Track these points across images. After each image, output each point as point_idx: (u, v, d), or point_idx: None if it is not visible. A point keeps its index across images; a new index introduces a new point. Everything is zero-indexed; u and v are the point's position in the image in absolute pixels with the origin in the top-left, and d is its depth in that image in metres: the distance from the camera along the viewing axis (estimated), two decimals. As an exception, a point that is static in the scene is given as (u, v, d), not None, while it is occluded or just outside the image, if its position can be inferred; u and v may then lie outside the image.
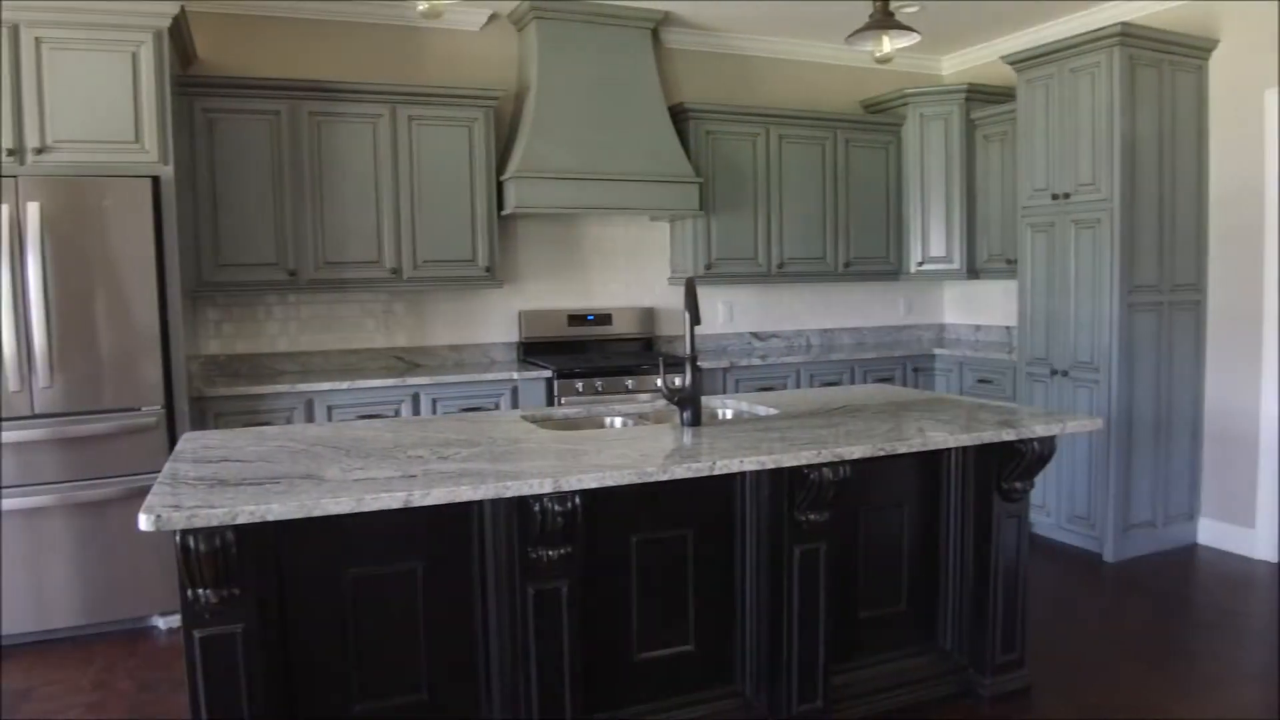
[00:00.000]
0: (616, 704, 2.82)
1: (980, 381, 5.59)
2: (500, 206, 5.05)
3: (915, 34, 3.73)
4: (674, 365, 4.94)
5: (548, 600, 2.55)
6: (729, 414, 3.59)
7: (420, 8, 2.78)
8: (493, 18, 5.33)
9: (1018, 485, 3.13)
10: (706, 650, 2.95)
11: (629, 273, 5.76)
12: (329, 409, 4.52)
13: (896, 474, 3.19)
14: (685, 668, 2.93)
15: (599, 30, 5.20)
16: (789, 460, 2.61)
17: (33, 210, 3.78)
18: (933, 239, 6.03)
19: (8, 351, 3.79)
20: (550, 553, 2.47)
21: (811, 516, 2.82)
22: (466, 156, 4.96)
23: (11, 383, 3.81)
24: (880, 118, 6.08)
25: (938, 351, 5.93)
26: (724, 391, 5.25)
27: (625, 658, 2.84)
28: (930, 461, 3.22)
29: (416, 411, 4.68)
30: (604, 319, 5.59)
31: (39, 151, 3.88)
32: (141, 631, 4.09)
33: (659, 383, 4.95)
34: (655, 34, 5.50)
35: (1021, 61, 5.02)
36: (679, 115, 5.47)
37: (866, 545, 3.16)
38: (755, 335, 6.16)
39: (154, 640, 4.02)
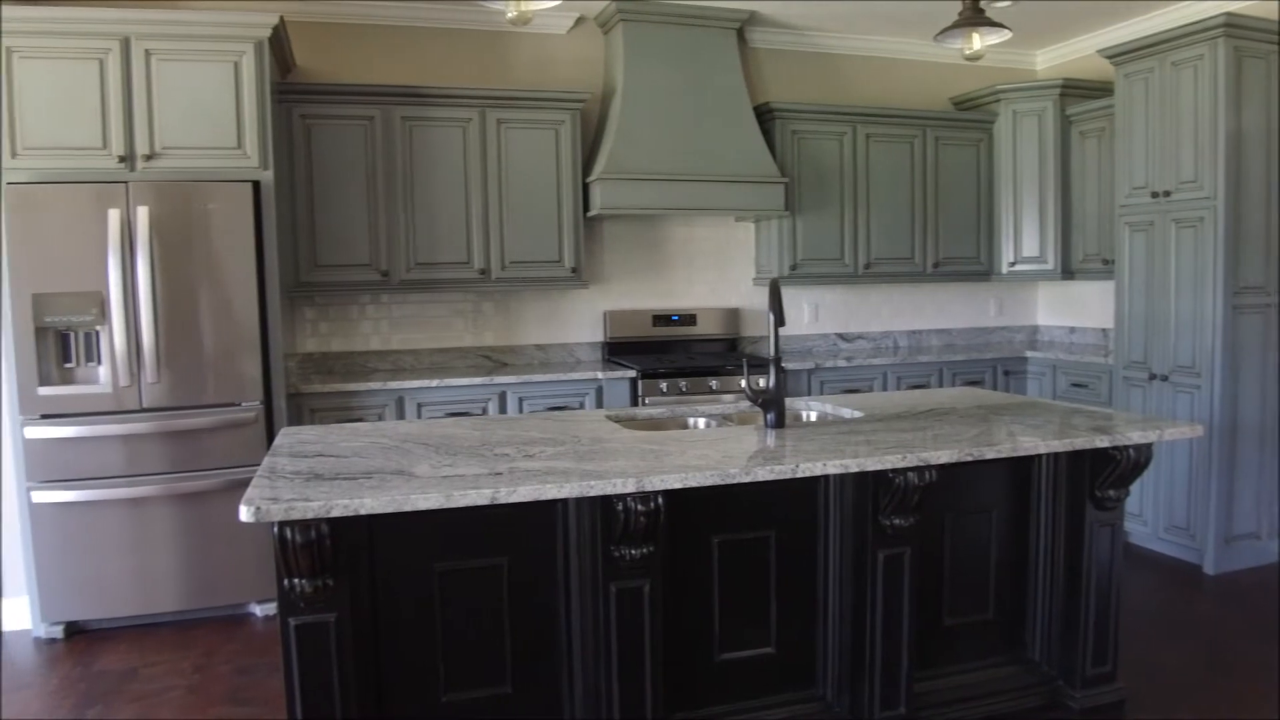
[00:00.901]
0: (697, 704, 2.83)
1: (1075, 386, 5.44)
2: (586, 208, 5.11)
3: (1006, 30, 3.65)
4: (758, 366, 4.93)
5: (630, 599, 2.57)
6: (813, 416, 3.57)
7: (509, 15, 2.83)
8: (579, 21, 5.38)
9: (1112, 493, 3.04)
10: (788, 653, 2.94)
11: (713, 273, 5.76)
12: (419, 406, 4.64)
13: (985, 479, 3.12)
14: (766, 670, 2.92)
15: (684, 31, 5.21)
16: (873, 464, 2.58)
17: (142, 214, 3.96)
18: (1025, 239, 5.89)
19: (119, 348, 3.98)
20: (633, 551, 2.50)
21: (896, 521, 2.79)
22: (553, 158, 5.03)
23: (122, 378, 4.00)
24: (971, 115, 5.96)
25: (1030, 354, 5.79)
26: (808, 393, 5.21)
27: (706, 658, 2.84)
28: (1021, 467, 3.15)
29: (503, 410, 4.76)
30: (688, 319, 5.60)
31: (148, 158, 4.06)
32: (239, 618, 4.25)
33: (743, 384, 4.95)
34: (740, 34, 5.49)
35: (1120, 55, 4.87)
36: (764, 115, 5.45)
37: (952, 551, 3.11)
38: (841, 336, 6.10)
39: (251, 626, 4.17)
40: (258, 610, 4.28)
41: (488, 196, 4.95)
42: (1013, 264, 5.96)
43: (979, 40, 3.72)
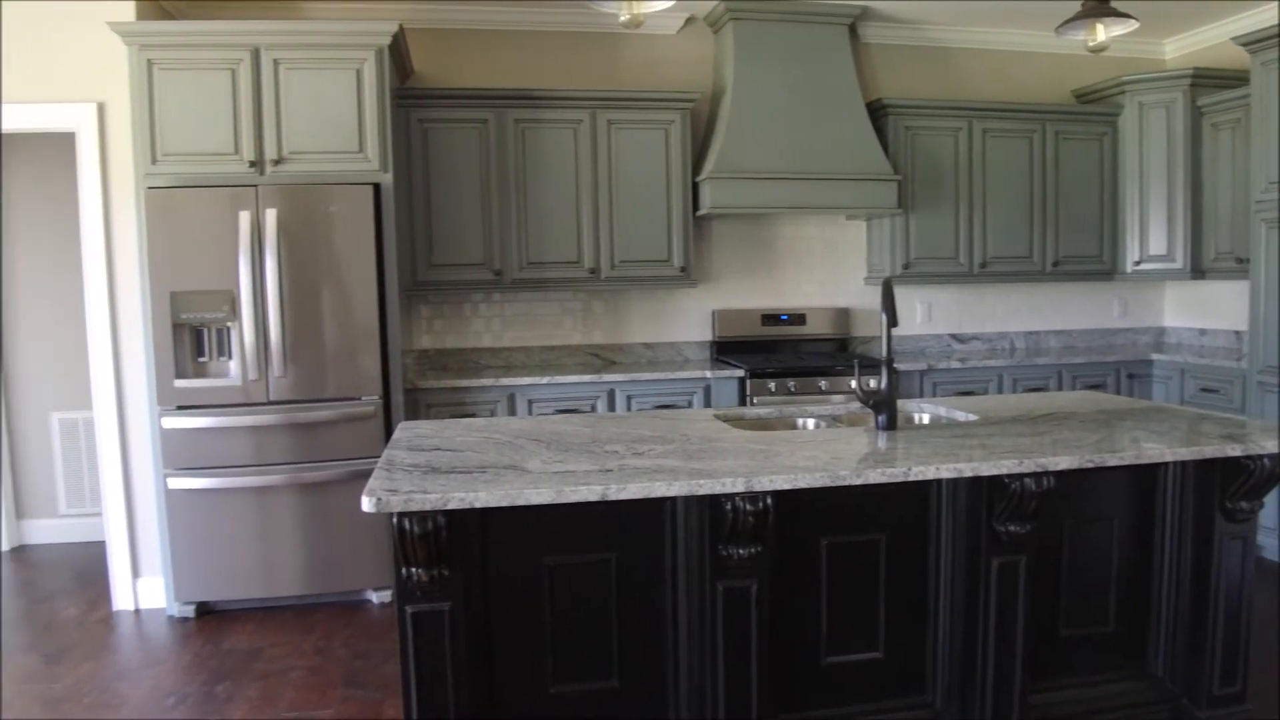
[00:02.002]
0: (802, 706, 2.81)
1: (1204, 391, 5.19)
2: (695, 207, 5.12)
3: (1132, 20, 3.51)
4: (869, 367, 4.85)
5: (737, 598, 2.58)
6: (925, 418, 3.50)
7: (622, 17, 2.86)
8: (689, 21, 5.40)
9: (1244, 505, 2.90)
10: (896, 658, 2.90)
11: (823, 272, 5.71)
12: (529, 403, 4.73)
13: (1107, 487, 3.01)
14: (873, 675, 2.88)
15: (795, 29, 5.17)
16: (989, 469, 2.52)
17: (270, 216, 4.14)
18: (1152, 236, 5.64)
19: (249, 344, 4.18)
20: (741, 551, 2.50)
21: (1012, 528, 2.71)
22: (663, 158, 5.06)
23: (251, 372, 4.20)
24: (1094, 107, 5.74)
25: (1156, 357, 5.54)
26: (920, 395, 5.11)
27: (813, 661, 2.82)
28: (1145, 476, 3.03)
29: (612, 407, 4.81)
30: (798, 319, 5.56)
31: (276, 163, 4.25)
32: (356, 604, 4.41)
33: (853, 384, 4.89)
34: (852, 30, 5.42)
35: (1256, 42, 4.62)
36: (877, 111, 5.36)
37: (1071, 560, 3.00)
38: (955, 337, 5.96)
39: (367, 613, 4.32)
40: (373, 597, 4.43)
41: (598, 197, 5.01)
42: (1138, 263, 5.72)
43: (1104, 31, 3.58)
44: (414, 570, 2.32)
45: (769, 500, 2.39)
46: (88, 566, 5.10)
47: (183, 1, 4.79)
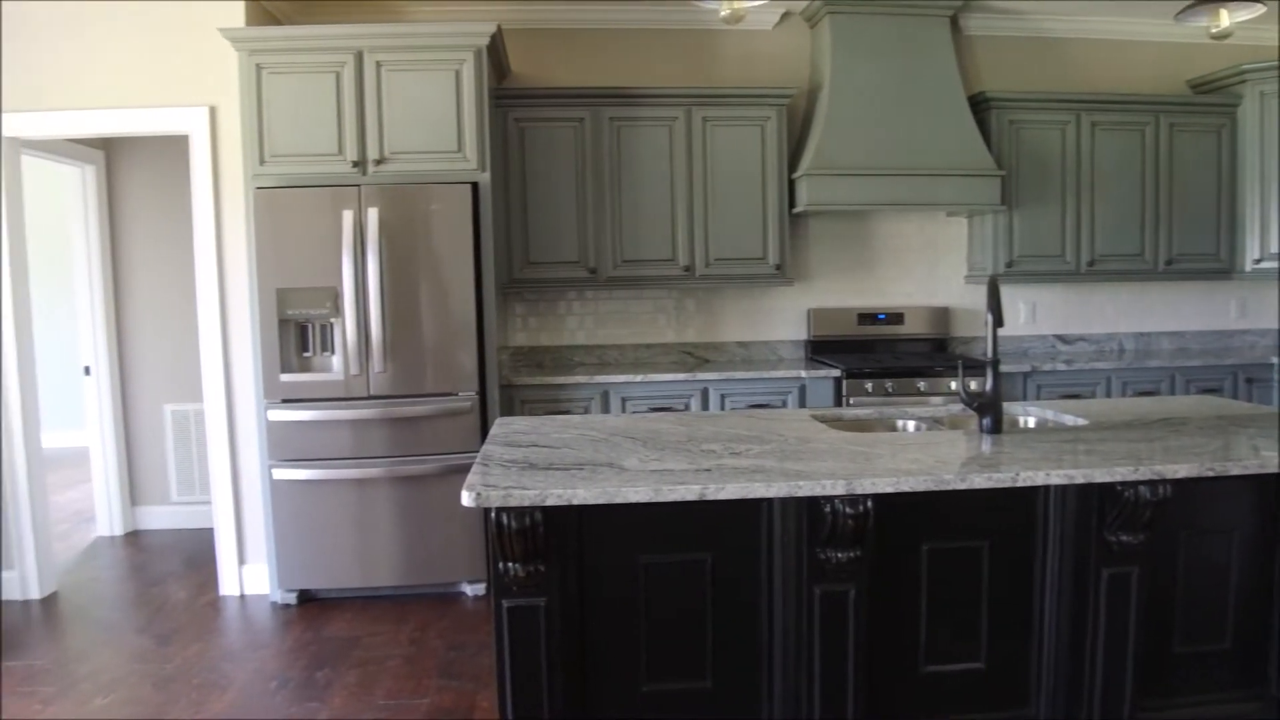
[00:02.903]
0: (899, 715, 2.74)
1: (1331, 396, 4.92)
2: (792, 204, 5.06)
3: (1260, 5, 3.33)
4: (972, 368, 4.73)
5: (834, 603, 2.53)
6: (1031, 422, 3.39)
7: (722, 13, 2.84)
8: (785, 15, 5.34)
9: (1377, 518, 2.73)
10: (998, 669, 2.80)
11: (922, 271, 5.58)
12: (623, 400, 4.74)
13: (1226, 497, 2.86)
14: (974, 685, 2.80)
15: (894, 22, 5.07)
16: (1101, 475, 2.42)
17: (372, 215, 4.23)
18: (1274, 233, 5.36)
19: (350, 340, 4.28)
20: (839, 555, 2.45)
21: (1123, 538, 2.60)
22: (759, 155, 5.01)
23: (352, 367, 4.30)
24: (1211, 98, 5.49)
25: (1277, 360, 5.27)
26: (1024, 398, 4.96)
27: (911, 668, 2.75)
28: (1267, 486, 2.87)
29: (705, 406, 4.79)
30: (895, 318, 5.45)
31: (378, 163, 4.34)
32: (451, 596, 4.48)
33: (954, 386, 4.78)
34: (954, 21, 5.28)
35: (1396, 28, 4.35)
36: (979, 105, 5.22)
37: (1186, 573, 2.86)
38: (1060, 338, 5.76)
39: (462, 605, 4.39)
40: (468, 590, 4.50)
41: (693, 194, 4.99)
42: (1258, 261, 5.44)
43: (1228, 17, 3.41)
44: (510, 565, 2.34)
45: (869, 503, 2.34)
46: (197, 552, 5.30)
47: (288, 3, 4.92)
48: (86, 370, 5.68)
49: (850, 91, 4.99)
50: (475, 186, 4.38)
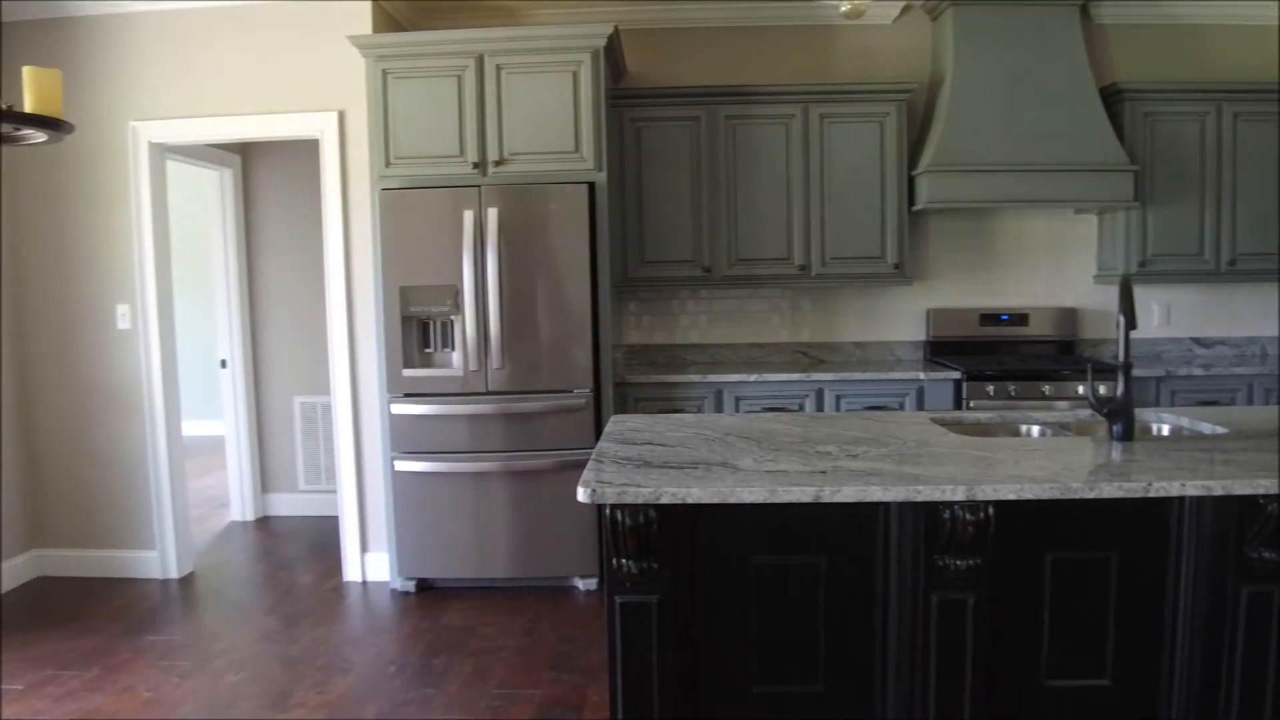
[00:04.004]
0: (1021, 728, 2.66)
1: None
2: (911, 202, 4.95)
3: None
4: (1101, 372, 4.55)
5: (952, 611, 2.47)
6: (1165, 429, 3.23)
7: (843, 9, 2.80)
8: (905, 9, 5.22)
9: None
10: (1125, 687, 2.68)
11: (1049, 270, 5.38)
12: (736, 400, 4.72)
13: (1383, 512, 2.68)
14: (1099, 702, 2.68)
15: (1020, 12, 4.89)
16: (1242, 488, 2.29)
17: (492, 215, 4.33)
18: None
19: (470, 337, 4.39)
20: (958, 562, 2.39)
21: (1266, 554, 2.46)
22: (877, 152, 4.92)
23: (472, 363, 4.40)
24: (1369, 87, 5.12)
25: None
26: (1157, 404, 4.73)
27: (1032, 681, 2.66)
28: None
29: (820, 407, 4.73)
30: (1019, 319, 5.27)
31: (498, 164, 4.43)
32: (563, 590, 4.54)
33: (1081, 390, 4.60)
34: (1084, 10, 5.07)
35: None
36: (1111, 97, 5.00)
37: (1340, 593, 2.69)
38: (1197, 341, 5.47)
39: (573, 599, 4.44)
40: (580, 584, 4.55)
41: (809, 192, 4.94)
42: None
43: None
44: (624, 562, 2.36)
45: (990, 510, 2.28)
46: (322, 538, 5.51)
47: (410, 7, 5.07)
48: (223, 363, 5.98)
49: (973, 85, 4.85)
50: (592, 186, 4.43)
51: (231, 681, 3.65)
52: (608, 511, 2.27)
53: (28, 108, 2.85)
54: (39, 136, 2.98)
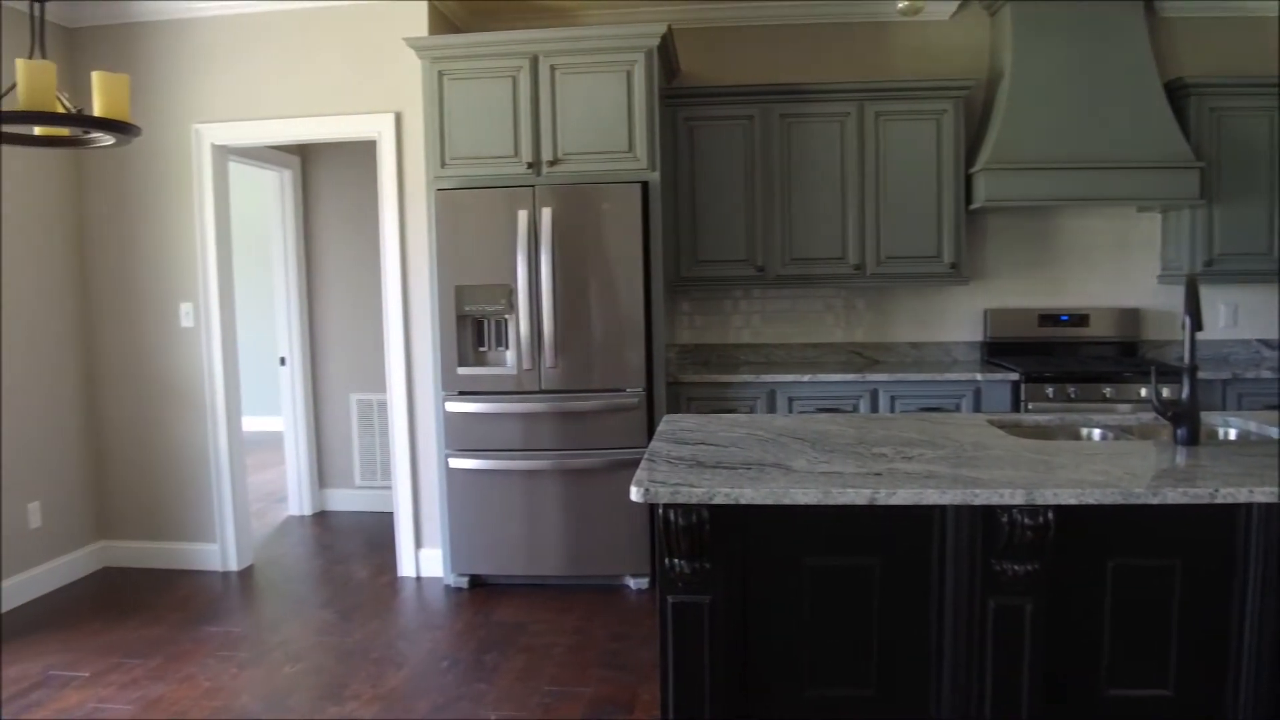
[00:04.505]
0: (1080, 737, 2.61)
1: None
2: (968, 200, 4.88)
3: None
4: (1165, 374, 4.44)
5: (1010, 616, 2.43)
6: (1232, 434, 3.15)
7: (900, 5, 2.76)
8: (963, 5, 5.14)
9: None
10: (1188, 699, 2.61)
11: (1110, 269, 5.26)
12: (789, 400, 4.69)
13: None
14: (1160, 713, 2.61)
15: (1081, 7, 4.78)
16: (1315, 493, 2.23)
17: (546, 215, 4.35)
18: None
19: (524, 336, 4.42)
20: (1016, 567, 2.35)
21: (1340, 561, 2.39)
22: (934, 150, 4.86)
23: (525, 362, 4.43)
24: None
25: None
26: (1223, 407, 4.61)
27: (1091, 690, 2.60)
28: None
29: (874, 408, 4.69)
30: (1079, 320, 5.16)
31: (551, 164, 4.46)
32: (614, 588, 4.55)
33: (1144, 393, 4.50)
34: (1147, 2, 4.95)
35: None
36: (1176, 92, 4.87)
37: None
38: (1265, 344, 5.31)
39: (624, 598, 4.45)
40: (631, 583, 4.56)
41: (864, 191, 4.89)
42: None
43: None
44: (676, 561, 2.36)
45: (1050, 515, 2.23)
46: (377, 534, 5.59)
47: (464, 8, 5.11)
48: (282, 361, 6.09)
49: (1033, 80, 4.77)
50: (645, 186, 4.43)
51: (289, 673, 3.72)
52: (661, 511, 2.27)
53: (97, 111, 2.93)
54: (107, 139, 3.07)
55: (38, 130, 3.02)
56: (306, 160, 6.10)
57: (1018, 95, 4.76)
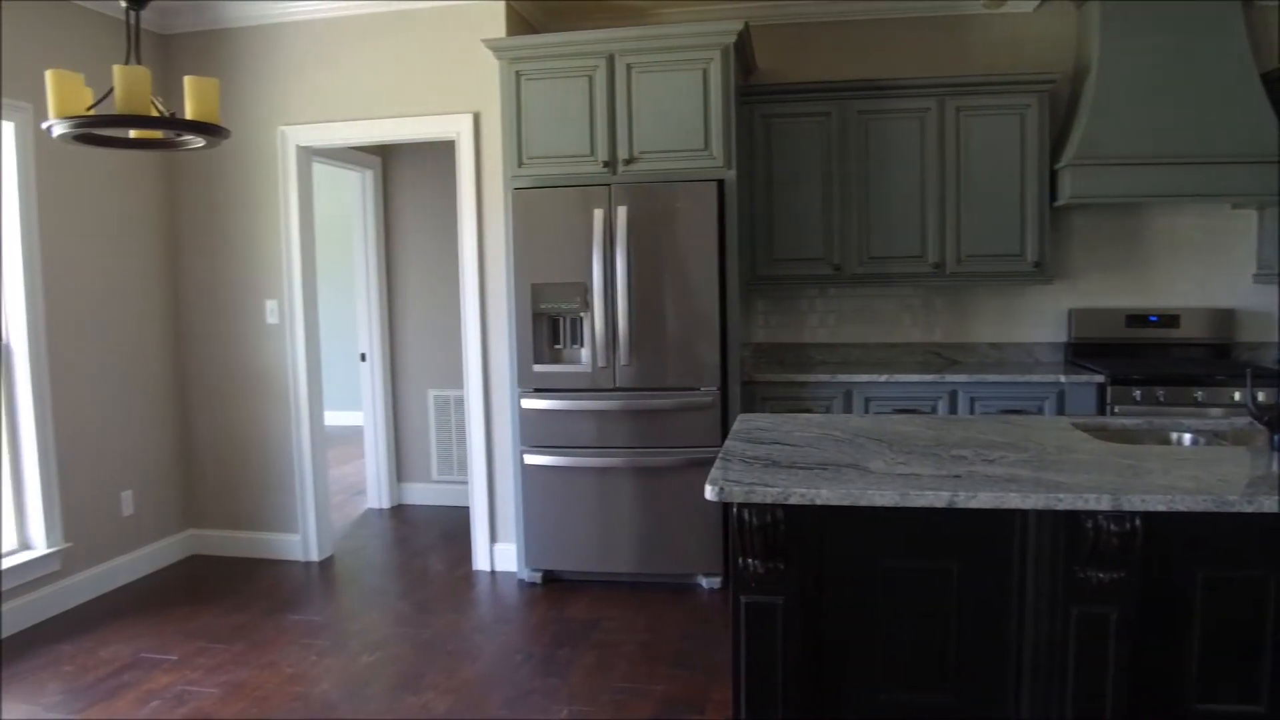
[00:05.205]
0: (1166, 752, 2.52)
1: None
2: (1053, 197, 4.75)
3: None
4: (1261, 377, 4.27)
5: (1093, 625, 2.36)
6: (1333, 439, 3.01)
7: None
8: (1048, -2, 5.02)
9: None
10: (1285, 714, 2.52)
11: (1202, 269, 5.07)
12: (866, 400, 4.63)
13: None
14: (1255, 728, 2.53)
15: (1176, -4, 4.63)
16: None
17: (621, 214, 4.36)
18: None
19: (599, 334, 4.44)
20: (1101, 575, 2.28)
21: None
22: (1017, 146, 4.74)
23: (600, 360, 4.46)
24: None
25: None
26: (1322, 411, 4.41)
27: (1178, 704, 2.51)
28: None
29: (953, 409, 4.60)
30: (1169, 320, 4.99)
31: (627, 162, 4.47)
32: (686, 587, 4.55)
33: (1239, 396, 4.34)
34: (1248, -8, 4.76)
35: None
36: (1275, 84, 4.67)
37: None
38: (1369, 346, 5.08)
39: (696, 597, 4.44)
40: (703, 582, 4.55)
41: (944, 188, 4.79)
42: None
43: None
44: (750, 561, 2.35)
45: (1137, 521, 2.17)
46: (453, 528, 5.68)
47: (540, 7, 5.15)
48: (363, 357, 6.23)
49: (1122, 73, 4.62)
50: (721, 184, 4.41)
51: (367, 662, 3.80)
52: (735, 510, 2.26)
53: (188, 115, 3.03)
54: (198, 142, 3.17)
55: (133, 133, 3.13)
56: (387, 161, 6.23)
57: (1105, 88, 4.62)
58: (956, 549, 2.47)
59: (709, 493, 2.21)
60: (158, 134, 3.14)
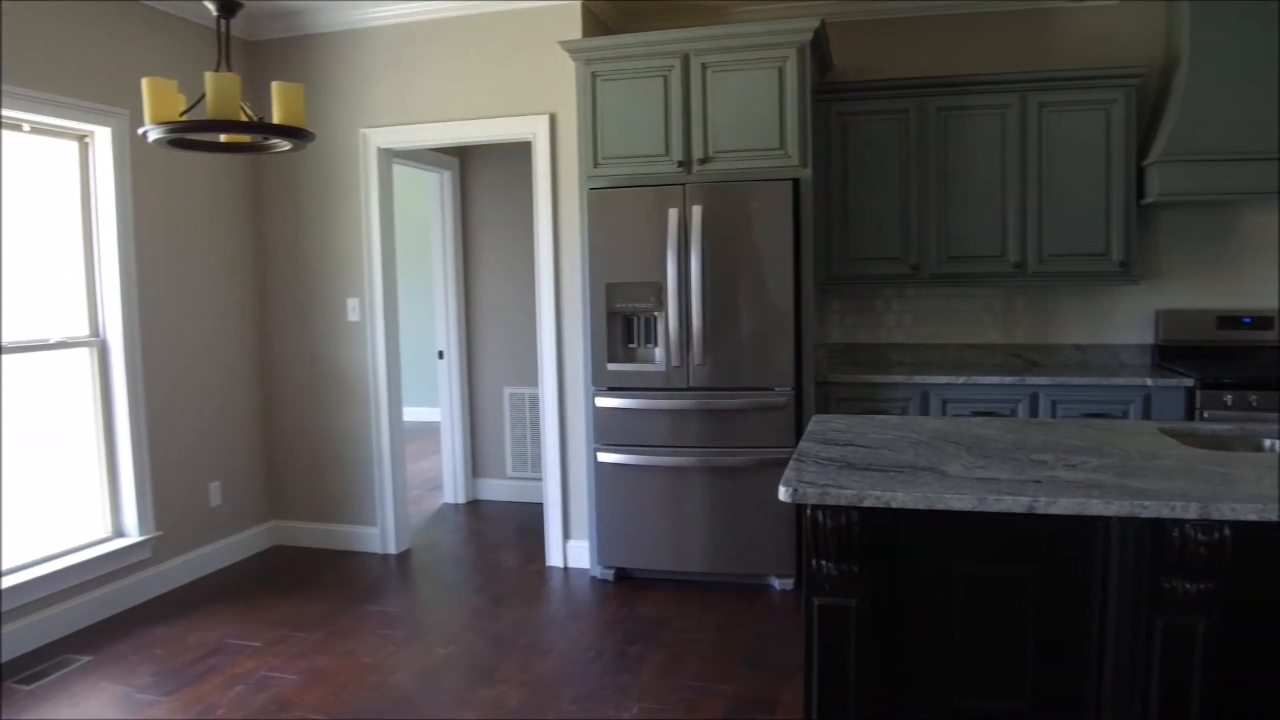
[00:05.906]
0: (1257, 770, 2.44)
1: None
2: (1140, 195, 4.62)
3: None
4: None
5: (1179, 638, 2.29)
6: None
7: (1069, -8, 2.64)
8: (1136, -11, 4.87)
9: None
10: (1387, 735, 2.42)
11: (1298, 269, 4.88)
12: (943, 402, 4.56)
13: None
14: (1354, 749, 2.43)
15: (1274, -13, 4.46)
16: None
17: (696, 213, 4.37)
18: None
19: (673, 333, 4.45)
20: (1187, 585, 2.22)
21: None
22: (1102, 142, 4.61)
23: (674, 359, 4.47)
24: None
25: None
26: None
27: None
28: None
29: (1034, 412, 4.50)
30: (1264, 322, 4.80)
31: (702, 162, 4.47)
32: (758, 588, 4.53)
33: (1335, 402, 4.16)
34: (1354, -19, 4.56)
35: None
36: (1382, 77, 4.47)
37: None
38: None
39: (768, 597, 4.43)
40: (775, 583, 4.53)
41: (1025, 186, 4.69)
42: None
43: None
44: (823, 563, 2.34)
45: (1226, 531, 2.10)
46: (526, 524, 5.75)
47: (615, 7, 5.18)
48: (440, 354, 6.34)
49: (1213, 66, 4.46)
50: (796, 183, 4.39)
51: (442, 654, 3.87)
52: (809, 512, 2.25)
53: (276, 119, 3.13)
54: (284, 145, 3.27)
55: (223, 137, 3.25)
56: (465, 162, 6.33)
57: (1196, 82, 4.46)
58: (1035, 556, 2.42)
59: (783, 494, 2.20)
60: (246, 138, 3.25)
